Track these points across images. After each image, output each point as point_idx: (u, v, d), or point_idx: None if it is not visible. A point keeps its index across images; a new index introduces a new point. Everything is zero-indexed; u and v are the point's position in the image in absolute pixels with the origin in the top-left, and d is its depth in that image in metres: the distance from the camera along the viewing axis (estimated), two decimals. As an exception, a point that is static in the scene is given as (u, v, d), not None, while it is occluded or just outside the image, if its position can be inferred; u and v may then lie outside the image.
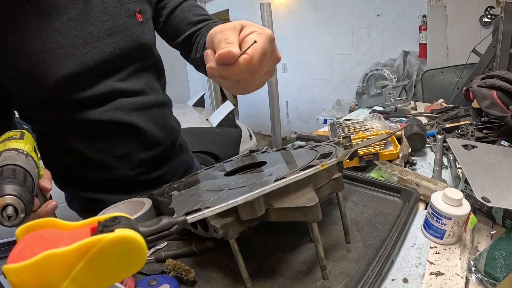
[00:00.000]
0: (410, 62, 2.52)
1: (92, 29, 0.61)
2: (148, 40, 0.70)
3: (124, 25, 0.64)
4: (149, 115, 0.74)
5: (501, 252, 0.53)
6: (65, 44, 0.58)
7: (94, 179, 0.75)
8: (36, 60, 0.56)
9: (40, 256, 0.20)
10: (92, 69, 0.62)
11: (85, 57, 0.60)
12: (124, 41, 0.65)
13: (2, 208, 0.40)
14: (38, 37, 0.56)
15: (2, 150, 0.48)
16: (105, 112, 0.66)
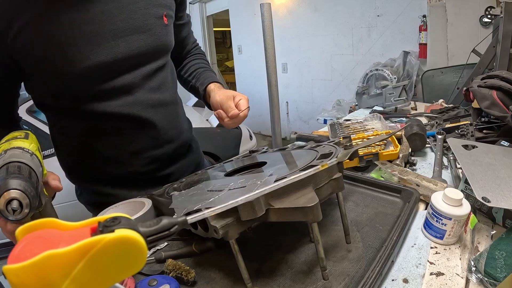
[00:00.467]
0: (410, 62, 2.52)
1: (123, 24, 0.65)
2: (169, 42, 0.76)
3: (152, 25, 0.69)
4: (164, 112, 0.76)
5: (501, 252, 0.53)
6: (95, 34, 0.61)
7: (106, 174, 0.76)
8: (67, 45, 0.59)
9: (40, 257, 0.20)
10: (118, 61, 0.65)
11: (114, 49, 0.64)
12: (150, 39, 0.69)
13: (7, 202, 0.41)
14: (71, 25, 0.59)
15: (7, 148, 0.48)
16: (124, 106, 0.69)
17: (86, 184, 0.81)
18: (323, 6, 3.27)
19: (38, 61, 0.60)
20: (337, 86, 3.46)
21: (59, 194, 0.65)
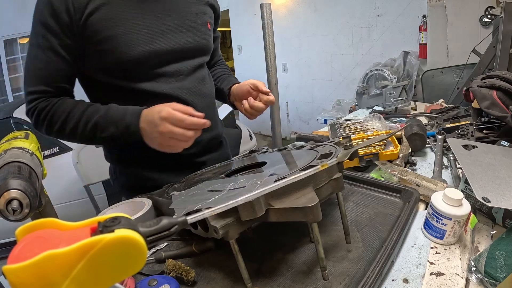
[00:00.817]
0: (410, 62, 2.52)
1: (178, 22, 0.78)
2: (211, 44, 0.89)
3: (200, 27, 0.83)
4: (205, 102, 0.86)
5: (501, 252, 0.53)
6: (156, 26, 0.74)
7: (149, 156, 0.80)
8: (131, 31, 0.71)
9: (40, 257, 0.20)
10: (172, 51, 0.77)
11: (170, 40, 0.76)
12: (198, 38, 0.82)
13: (7, 202, 0.41)
14: (137, 15, 0.72)
15: (7, 148, 0.48)
16: (173, 89, 0.78)
17: (126, 166, 0.87)
18: (323, 6, 3.27)
19: (103, 41, 0.69)
20: (337, 86, 3.46)
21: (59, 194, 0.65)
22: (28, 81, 0.71)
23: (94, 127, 0.70)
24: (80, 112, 0.71)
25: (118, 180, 0.91)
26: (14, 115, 2.29)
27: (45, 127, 0.72)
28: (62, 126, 0.71)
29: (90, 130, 0.70)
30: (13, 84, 4.49)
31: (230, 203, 0.39)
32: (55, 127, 0.71)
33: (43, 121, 0.71)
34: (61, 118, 0.70)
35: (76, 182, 1.89)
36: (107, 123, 0.70)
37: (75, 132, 0.71)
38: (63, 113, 0.71)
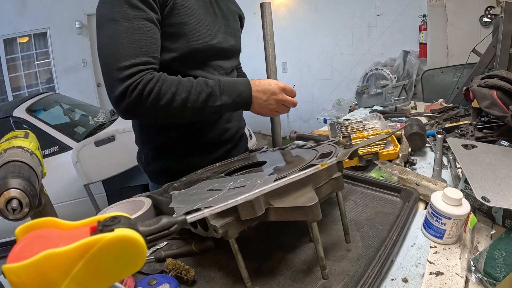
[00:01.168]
0: (410, 62, 2.52)
1: (227, 26, 0.90)
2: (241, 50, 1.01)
3: (237, 33, 0.96)
4: None
5: (501, 252, 0.53)
6: (214, 26, 0.84)
7: (187, 139, 0.89)
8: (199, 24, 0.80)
9: (40, 256, 0.20)
10: (223, 50, 0.88)
11: (221, 40, 0.86)
12: (237, 43, 0.96)
13: (7, 202, 0.41)
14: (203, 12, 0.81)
15: (7, 147, 0.48)
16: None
17: (161, 151, 0.91)
18: (323, 5, 3.27)
19: (179, 25, 0.76)
20: (337, 86, 3.46)
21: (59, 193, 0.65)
22: (123, 54, 0.68)
23: (207, 97, 0.74)
24: (189, 84, 0.73)
25: (150, 166, 0.94)
26: (13, 114, 2.29)
27: (150, 101, 0.70)
28: (173, 98, 0.71)
29: (202, 100, 0.73)
30: (13, 83, 4.49)
31: (229, 202, 0.39)
32: (163, 99, 0.70)
33: (148, 94, 0.69)
34: (171, 90, 0.71)
35: (76, 181, 1.90)
36: (220, 92, 0.75)
37: (185, 103, 0.72)
38: (172, 85, 0.71)
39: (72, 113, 2.78)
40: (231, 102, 0.76)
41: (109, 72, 0.69)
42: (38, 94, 2.77)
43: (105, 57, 0.69)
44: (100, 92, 4.99)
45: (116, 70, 0.68)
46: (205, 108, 0.74)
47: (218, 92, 0.75)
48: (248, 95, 0.77)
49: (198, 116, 0.76)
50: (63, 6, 4.41)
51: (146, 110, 0.71)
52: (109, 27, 0.68)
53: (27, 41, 4.46)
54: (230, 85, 0.76)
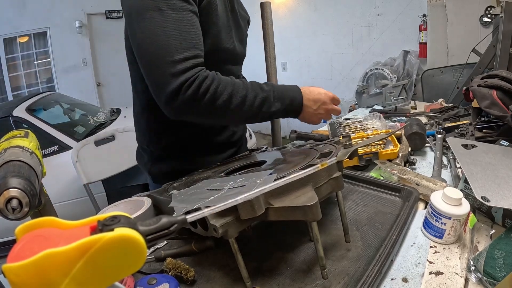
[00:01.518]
0: (410, 62, 2.52)
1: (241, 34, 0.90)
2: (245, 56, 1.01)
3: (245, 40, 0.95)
4: None
5: (500, 251, 0.53)
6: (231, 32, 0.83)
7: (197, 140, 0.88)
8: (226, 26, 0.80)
9: (40, 255, 0.20)
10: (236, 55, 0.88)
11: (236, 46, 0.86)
12: (244, 50, 0.95)
13: (7, 201, 0.41)
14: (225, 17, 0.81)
15: (7, 147, 0.48)
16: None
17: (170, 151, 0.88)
18: (323, 5, 3.27)
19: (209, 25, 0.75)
20: (337, 85, 3.46)
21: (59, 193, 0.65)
22: (175, 46, 0.63)
23: (262, 102, 0.72)
24: (244, 86, 0.70)
25: (156, 166, 0.90)
26: (13, 114, 2.28)
27: (206, 100, 0.66)
28: (229, 99, 0.68)
29: (258, 105, 0.71)
30: (13, 83, 4.49)
31: (229, 202, 0.39)
32: (220, 99, 0.67)
33: (205, 93, 0.65)
34: (228, 90, 0.68)
35: (75, 180, 1.90)
36: (274, 98, 0.73)
37: (242, 106, 0.69)
38: (228, 85, 0.68)
39: (72, 112, 2.78)
40: (282, 109, 0.74)
41: (158, 66, 0.63)
42: (38, 93, 2.77)
43: (153, 49, 0.63)
44: (100, 92, 4.98)
45: (169, 64, 0.62)
46: (258, 113, 0.72)
47: (272, 98, 0.73)
48: (299, 103, 0.77)
49: (249, 120, 0.75)
50: (63, 6, 4.40)
51: (201, 109, 0.67)
52: (153, 17, 0.62)
53: (27, 41, 4.45)
54: (282, 92, 0.75)
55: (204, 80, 0.65)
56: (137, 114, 0.90)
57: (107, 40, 4.73)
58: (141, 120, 0.88)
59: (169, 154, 0.89)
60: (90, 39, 4.69)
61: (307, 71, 3.67)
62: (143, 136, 0.90)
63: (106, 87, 5.01)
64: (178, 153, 0.88)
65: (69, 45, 4.56)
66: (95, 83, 4.87)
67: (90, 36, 4.69)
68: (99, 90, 4.95)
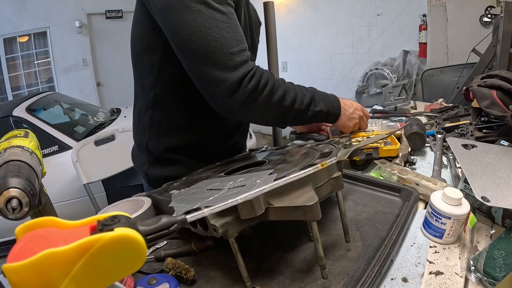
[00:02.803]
0: (410, 62, 2.52)
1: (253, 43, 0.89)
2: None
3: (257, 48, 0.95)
4: None
5: (500, 251, 0.53)
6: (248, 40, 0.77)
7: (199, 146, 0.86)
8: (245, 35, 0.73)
9: (40, 255, 0.20)
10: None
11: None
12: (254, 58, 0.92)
13: (6, 201, 0.41)
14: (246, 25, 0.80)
15: (7, 147, 0.48)
16: None
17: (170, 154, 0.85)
18: (323, 5, 3.27)
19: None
20: (337, 85, 3.46)
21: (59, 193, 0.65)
22: (230, 38, 0.62)
23: (310, 101, 0.75)
24: (293, 86, 0.74)
25: (152, 169, 0.87)
26: (13, 114, 2.29)
27: (265, 95, 0.67)
28: (284, 96, 0.70)
29: (306, 104, 0.74)
30: (13, 82, 4.49)
31: (229, 201, 0.39)
32: (276, 95, 0.69)
33: (265, 85, 0.66)
34: (282, 87, 0.70)
35: (75, 180, 1.90)
36: (319, 99, 0.77)
37: (293, 103, 0.72)
38: (281, 83, 0.71)
39: (72, 112, 2.79)
40: (326, 110, 0.78)
41: (215, 60, 0.61)
42: (38, 93, 2.78)
43: (207, 43, 0.61)
44: (100, 92, 4.99)
45: (226, 56, 0.61)
46: (307, 112, 0.75)
47: (317, 98, 0.76)
48: (338, 106, 0.82)
49: (298, 120, 0.77)
50: (63, 6, 4.41)
51: (258, 104, 0.67)
52: (200, 10, 0.60)
53: (27, 41, 4.46)
54: (323, 94, 0.79)
55: (263, 74, 0.67)
56: (139, 111, 0.85)
57: (107, 40, 4.74)
58: (143, 118, 0.84)
59: (168, 159, 0.85)
60: (90, 39, 4.70)
61: (307, 71, 3.67)
62: (142, 135, 0.86)
63: (106, 87, 5.02)
64: (177, 159, 0.85)
65: (69, 45, 4.56)
66: (95, 83, 4.88)
67: (90, 36, 4.70)
68: (99, 90, 4.96)
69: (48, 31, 4.46)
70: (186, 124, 0.82)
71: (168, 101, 0.79)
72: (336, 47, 3.32)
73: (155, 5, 0.64)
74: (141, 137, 0.87)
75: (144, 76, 0.79)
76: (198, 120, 0.82)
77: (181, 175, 0.81)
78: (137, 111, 0.86)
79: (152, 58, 0.75)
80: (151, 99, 0.80)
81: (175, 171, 0.84)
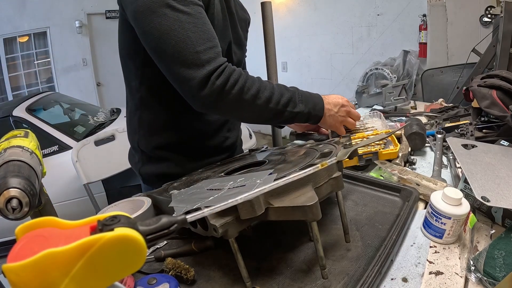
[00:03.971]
0: (410, 62, 2.52)
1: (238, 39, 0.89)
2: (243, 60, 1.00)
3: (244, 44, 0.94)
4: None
5: (500, 251, 0.53)
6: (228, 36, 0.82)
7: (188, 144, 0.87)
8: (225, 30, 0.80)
9: (40, 255, 0.20)
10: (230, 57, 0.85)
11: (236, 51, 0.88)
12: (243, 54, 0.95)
13: (6, 201, 0.41)
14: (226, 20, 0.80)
15: (7, 147, 0.48)
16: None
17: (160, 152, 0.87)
18: (323, 5, 3.27)
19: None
20: (337, 85, 3.46)
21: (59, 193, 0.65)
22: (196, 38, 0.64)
23: (288, 101, 0.73)
24: (270, 85, 0.72)
25: (144, 167, 0.90)
26: (13, 114, 2.29)
27: (236, 91, 0.67)
28: (257, 95, 0.69)
29: (284, 103, 0.72)
30: (13, 82, 4.49)
31: (229, 201, 0.39)
32: (249, 92, 0.68)
33: (234, 83, 0.66)
34: (256, 86, 0.69)
35: (75, 180, 1.90)
36: (299, 100, 0.74)
37: (268, 102, 0.70)
38: (255, 81, 0.69)
39: (72, 112, 2.79)
40: (306, 111, 0.76)
41: (182, 60, 0.64)
42: (38, 93, 2.78)
43: (174, 44, 0.63)
44: (100, 92, 4.99)
45: (193, 55, 0.63)
46: (284, 112, 0.73)
47: (297, 99, 0.74)
48: (321, 107, 0.79)
49: (274, 120, 0.75)
50: (63, 5, 4.41)
51: (229, 102, 0.67)
52: (166, 13, 0.63)
53: (27, 41, 4.46)
54: (306, 95, 0.77)
55: (233, 73, 0.66)
56: (129, 112, 0.89)
57: (107, 40, 4.74)
58: (133, 118, 0.87)
59: (159, 156, 0.87)
60: (90, 39, 4.70)
61: (307, 71, 3.67)
62: (133, 135, 0.89)
63: (106, 87, 5.02)
64: (167, 156, 0.87)
65: (69, 45, 4.57)
66: (95, 83, 4.88)
67: (90, 36, 4.70)
68: (99, 90, 4.96)
69: (48, 31, 4.46)
70: (172, 123, 0.84)
71: (153, 101, 0.82)
72: (336, 47, 3.32)
73: (129, 13, 0.67)
74: (133, 137, 0.90)
75: (130, 78, 0.82)
76: (182, 118, 0.84)
77: (172, 171, 0.85)
78: (128, 112, 0.90)
79: (135, 61, 0.78)
80: (138, 100, 0.83)
81: (165, 168, 0.87)
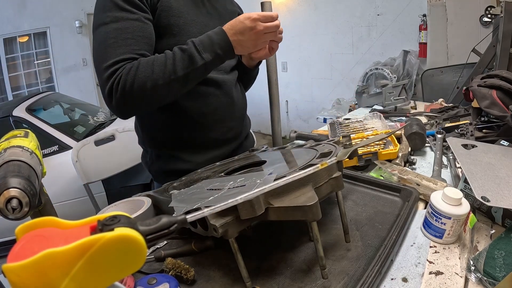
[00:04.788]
0: (410, 62, 2.52)
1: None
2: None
3: None
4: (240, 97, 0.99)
5: (500, 251, 0.53)
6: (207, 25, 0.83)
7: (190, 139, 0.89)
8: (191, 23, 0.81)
9: (40, 255, 0.20)
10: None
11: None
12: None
13: (7, 201, 0.41)
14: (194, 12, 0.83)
15: (7, 147, 0.48)
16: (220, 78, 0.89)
17: (162, 149, 0.91)
18: (323, 5, 3.27)
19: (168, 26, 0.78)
20: (337, 85, 3.46)
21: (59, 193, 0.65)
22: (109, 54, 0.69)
23: (188, 62, 0.71)
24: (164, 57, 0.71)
25: (155, 165, 0.94)
26: (13, 114, 2.28)
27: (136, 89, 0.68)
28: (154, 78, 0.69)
29: (185, 66, 0.71)
30: (13, 82, 4.49)
31: (229, 201, 0.39)
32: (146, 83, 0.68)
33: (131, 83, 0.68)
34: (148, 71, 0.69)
35: (75, 180, 1.89)
36: (198, 52, 0.71)
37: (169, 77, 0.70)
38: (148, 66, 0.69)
39: (72, 112, 2.78)
40: (213, 56, 0.72)
41: (98, 74, 0.71)
42: (38, 93, 2.77)
43: (95, 60, 0.71)
44: (100, 92, 4.98)
45: (102, 71, 0.69)
46: (189, 74, 0.71)
47: (197, 52, 0.71)
48: (227, 43, 0.73)
49: (188, 84, 0.74)
50: (63, 5, 4.40)
51: (136, 100, 0.70)
52: (100, 31, 0.70)
53: (26, 41, 4.46)
54: (206, 41, 0.72)
55: (128, 73, 0.68)
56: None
57: (107, 40, 4.73)
58: (137, 120, 0.93)
59: (165, 154, 0.91)
60: (90, 39, 4.68)
61: (307, 71, 3.67)
62: (139, 135, 0.95)
63: (106, 87, 5.01)
64: (172, 153, 0.90)
65: (69, 45, 4.56)
66: (95, 83, 4.87)
67: (90, 36, 4.68)
68: (99, 90, 4.92)
69: (48, 31, 4.46)
70: (169, 120, 0.87)
71: None
72: (336, 47, 3.32)
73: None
74: (139, 137, 0.95)
75: None
76: (179, 114, 0.86)
77: (180, 167, 0.88)
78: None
79: None
80: None
81: (172, 164, 0.90)
